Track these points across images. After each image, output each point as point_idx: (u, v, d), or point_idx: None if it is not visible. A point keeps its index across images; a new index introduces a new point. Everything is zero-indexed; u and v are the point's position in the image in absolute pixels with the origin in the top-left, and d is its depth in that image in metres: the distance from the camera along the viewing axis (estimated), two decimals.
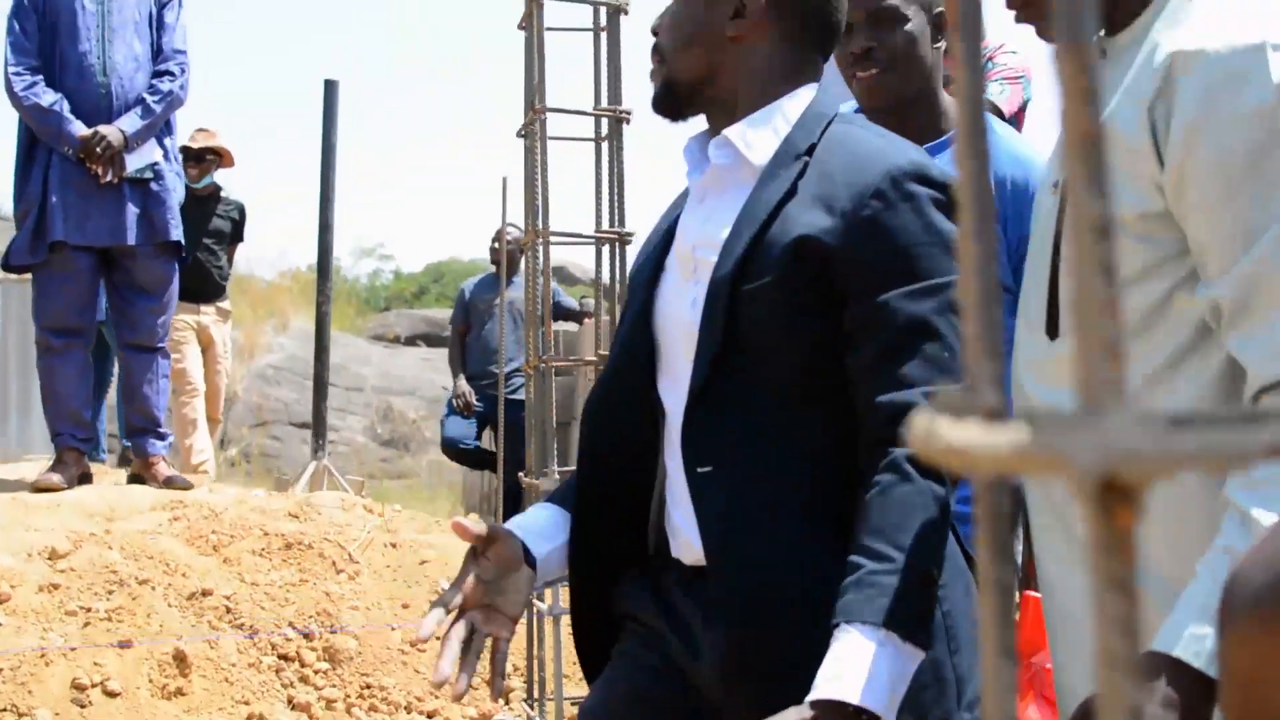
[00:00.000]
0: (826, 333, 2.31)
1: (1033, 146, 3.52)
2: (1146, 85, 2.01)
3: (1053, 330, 2.29)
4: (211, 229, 10.11)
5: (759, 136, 2.44)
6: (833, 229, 2.28)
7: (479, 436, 11.02)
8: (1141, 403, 1.99)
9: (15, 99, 6.84)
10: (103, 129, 6.79)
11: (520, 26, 4.53)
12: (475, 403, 10.72)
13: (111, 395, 9.51)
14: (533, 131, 4.35)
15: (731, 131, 2.45)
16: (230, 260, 10.54)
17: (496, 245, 11.13)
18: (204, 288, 10.03)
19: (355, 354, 23.77)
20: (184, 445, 9.89)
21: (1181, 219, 2.00)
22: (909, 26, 3.30)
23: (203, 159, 9.98)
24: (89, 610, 5.44)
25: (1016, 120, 6.03)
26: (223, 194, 10.33)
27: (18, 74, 6.85)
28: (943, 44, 3.40)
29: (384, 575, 6.13)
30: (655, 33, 2.56)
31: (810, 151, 2.38)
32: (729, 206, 2.44)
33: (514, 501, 9.86)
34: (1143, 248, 2.05)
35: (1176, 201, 1.99)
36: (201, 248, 9.95)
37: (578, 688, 5.49)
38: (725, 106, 2.49)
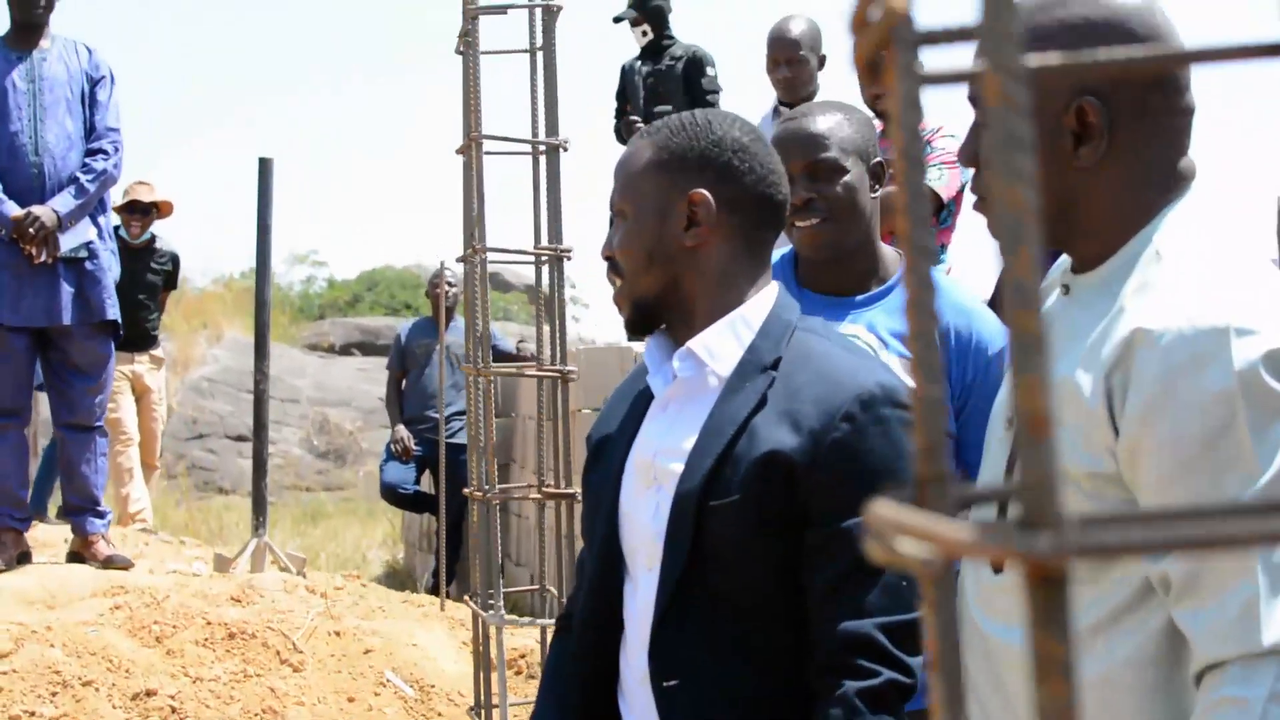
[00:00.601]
0: (791, 549, 2.33)
1: (974, 297, 3.55)
2: (1108, 352, 2.02)
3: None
4: (146, 281, 10.10)
5: (722, 346, 2.44)
6: (801, 448, 2.29)
7: (418, 480, 11.01)
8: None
9: None
10: (36, 209, 6.74)
11: (457, 51, 4.53)
12: (414, 447, 10.71)
13: None
14: (470, 155, 4.37)
15: (695, 343, 2.44)
16: (162, 308, 10.53)
17: (438, 290, 11.10)
18: (137, 337, 10.03)
19: (290, 364, 23.66)
20: (120, 494, 9.87)
21: (1133, 487, 2.01)
22: (847, 178, 3.33)
23: (146, 213, 9.97)
24: (33, 715, 5.40)
25: (955, 203, 6.07)
26: (157, 244, 10.31)
27: None
28: (880, 192, 3.42)
29: (328, 665, 6.12)
30: (607, 256, 2.56)
31: (776, 364, 2.38)
32: (692, 417, 2.44)
33: (454, 541, 9.89)
34: (1090, 504, 2.06)
35: (1129, 470, 2.00)
36: (135, 301, 9.93)
37: (521, 694, 5.54)
38: (685, 313, 2.50)
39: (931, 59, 0.59)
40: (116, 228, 9.66)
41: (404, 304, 28.40)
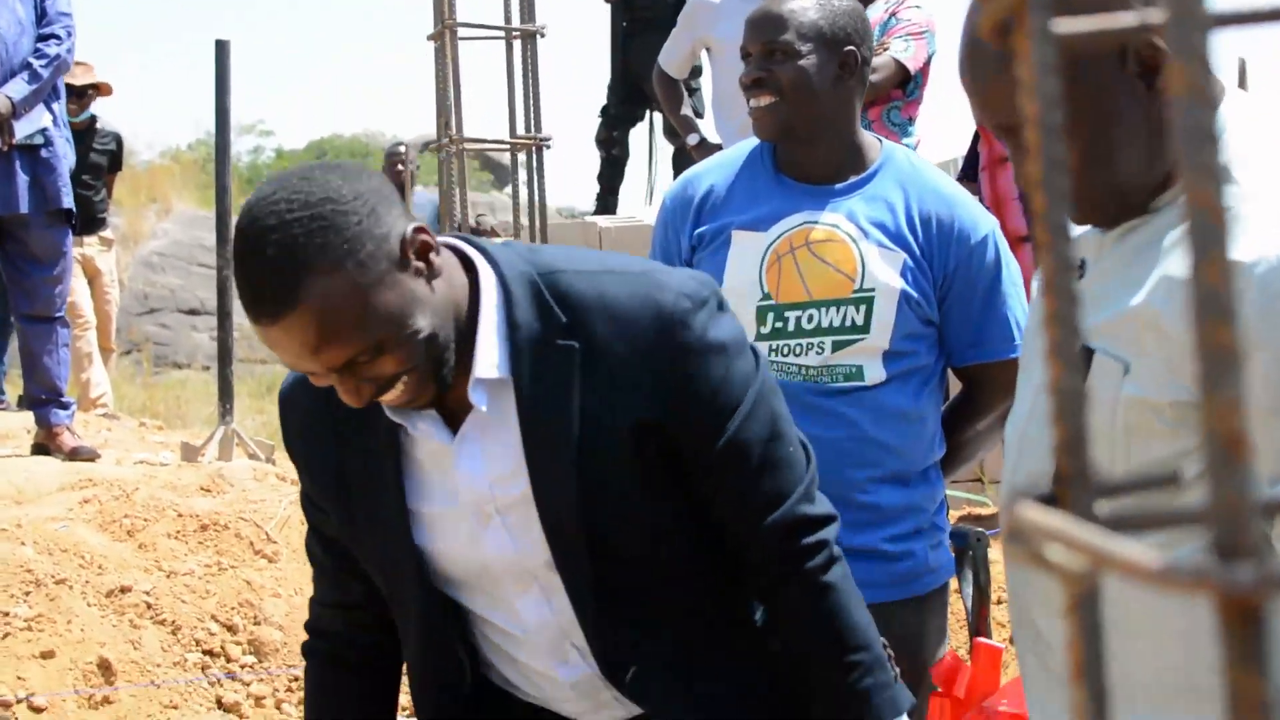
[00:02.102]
0: (681, 499, 2.30)
1: (952, 182, 3.50)
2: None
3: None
4: (90, 163, 9.95)
5: (491, 351, 2.19)
6: (644, 405, 2.19)
7: None
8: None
9: None
10: None
11: None
12: None
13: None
14: (443, 42, 4.26)
15: (480, 371, 2.17)
16: (110, 191, 10.41)
17: (399, 170, 10.99)
18: (85, 220, 9.87)
19: None
20: (80, 379, 9.79)
21: None
22: (802, 62, 3.29)
23: (83, 95, 9.80)
24: (7, 616, 5.34)
25: (922, 75, 5.98)
26: (99, 125, 10.16)
27: None
28: (853, 82, 3.36)
29: (303, 555, 6.04)
30: (375, 392, 2.13)
31: (568, 332, 2.18)
32: (504, 434, 2.25)
33: None
34: (1170, 432, 1.97)
35: None
36: (80, 183, 9.78)
37: None
38: (460, 344, 2.18)
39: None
40: None
41: None
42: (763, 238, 3.27)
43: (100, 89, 10.03)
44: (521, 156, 5.03)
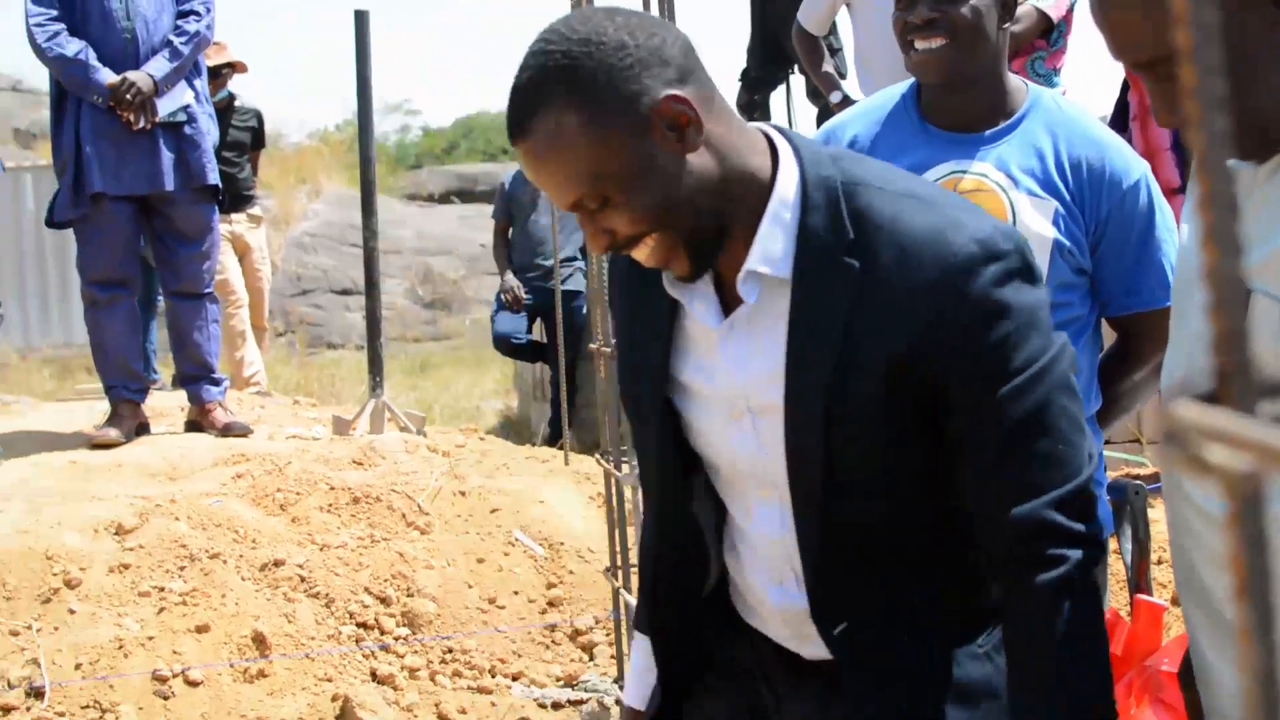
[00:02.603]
0: (929, 453, 2.16)
1: (1103, 126, 3.35)
2: None
3: None
4: (231, 140, 10.00)
5: (773, 243, 2.13)
6: (914, 343, 2.07)
7: (529, 329, 10.91)
8: None
9: (39, 51, 6.65)
10: (131, 75, 6.60)
11: None
12: (524, 296, 10.59)
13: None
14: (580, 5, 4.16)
15: (753, 263, 2.13)
16: (255, 168, 10.45)
17: None
18: (232, 197, 9.94)
19: (390, 216, 23.58)
20: (234, 358, 9.85)
21: None
22: (975, 3, 3.19)
23: (217, 74, 9.85)
24: (162, 591, 5.35)
25: (1065, 23, 5.80)
26: (237, 103, 10.21)
27: (39, 25, 6.66)
28: (1010, 26, 3.26)
29: (455, 526, 6.03)
30: (613, 246, 2.14)
31: (852, 250, 2.10)
32: (771, 336, 2.18)
33: (570, 389, 9.78)
34: None
35: None
36: (223, 160, 9.85)
37: None
38: (722, 229, 2.14)
39: None
40: None
41: (501, 149, 28.23)
42: None
43: (236, 67, 10.06)
44: None
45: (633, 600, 4.13)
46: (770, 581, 2.33)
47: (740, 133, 2.14)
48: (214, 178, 6.89)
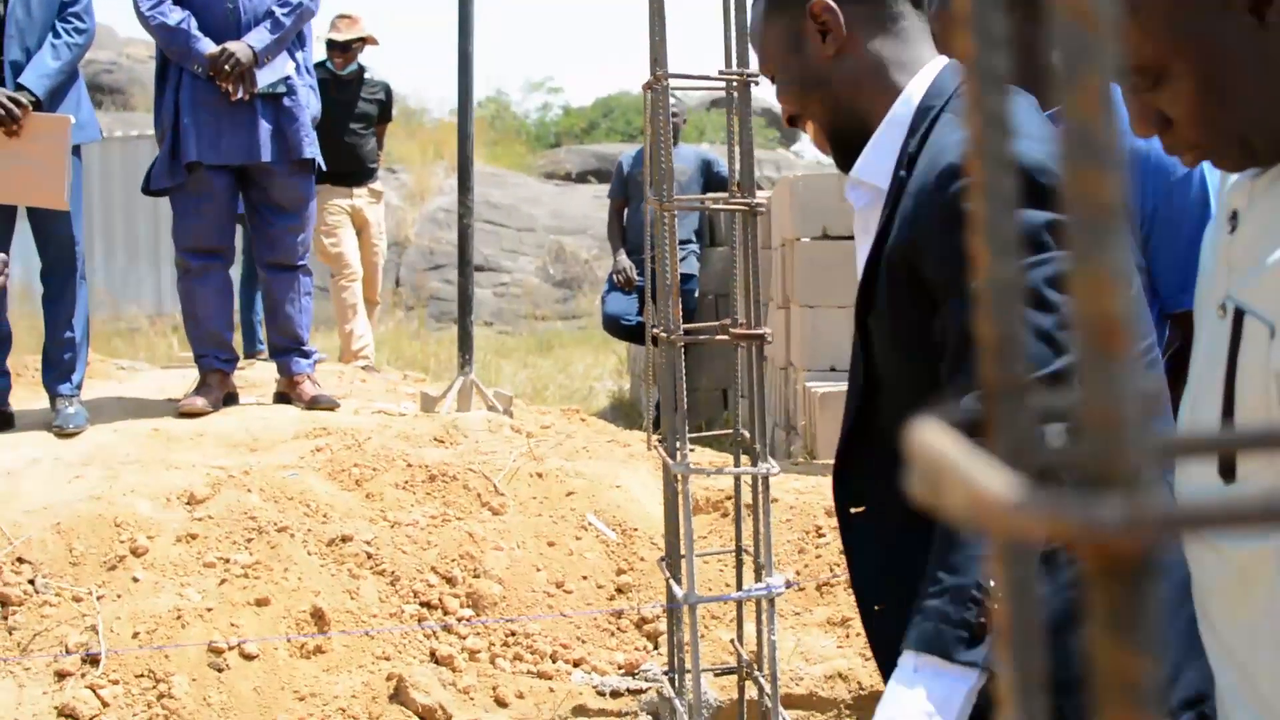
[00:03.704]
0: (934, 366, 2.26)
1: None
2: None
3: (1228, 472, 1.82)
4: (358, 112, 10.05)
5: (879, 160, 2.39)
6: (911, 239, 2.23)
7: (640, 311, 10.85)
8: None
9: (143, 19, 6.68)
10: (231, 45, 6.60)
11: None
12: (636, 277, 10.52)
13: None
14: None
15: (858, 169, 2.43)
16: (381, 141, 10.48)
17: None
18: (355, 171, 10.01)
19: (526, 194, 23.67)
20: (344, 330, 9.90)
21: None
22: None
23: (348, 48, 9.89)
24: (227, 562, 5.34)
25: None
26: (367, 75, 10.24)
27: None
28: None
29: (529, 508, 5.97)
30: (788, 118, 2.58)
31: (912, 163, 2.30)
32: (867, 240, 2.44)
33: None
34: None
35: None
36: (349, 132, 9.90)
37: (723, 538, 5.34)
38: (864, 128, 2.44)
39: None
40: (322, 62, 9.59)
41: (639, 130, 28.14)
42: None
43: (367, 40, 10.10)
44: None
45: (678, 590, 4.04)
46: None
47: (905, 54, 2.43)
48: (311, 151, 6.88)
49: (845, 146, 2.47)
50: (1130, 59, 1.67)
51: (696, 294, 11.08)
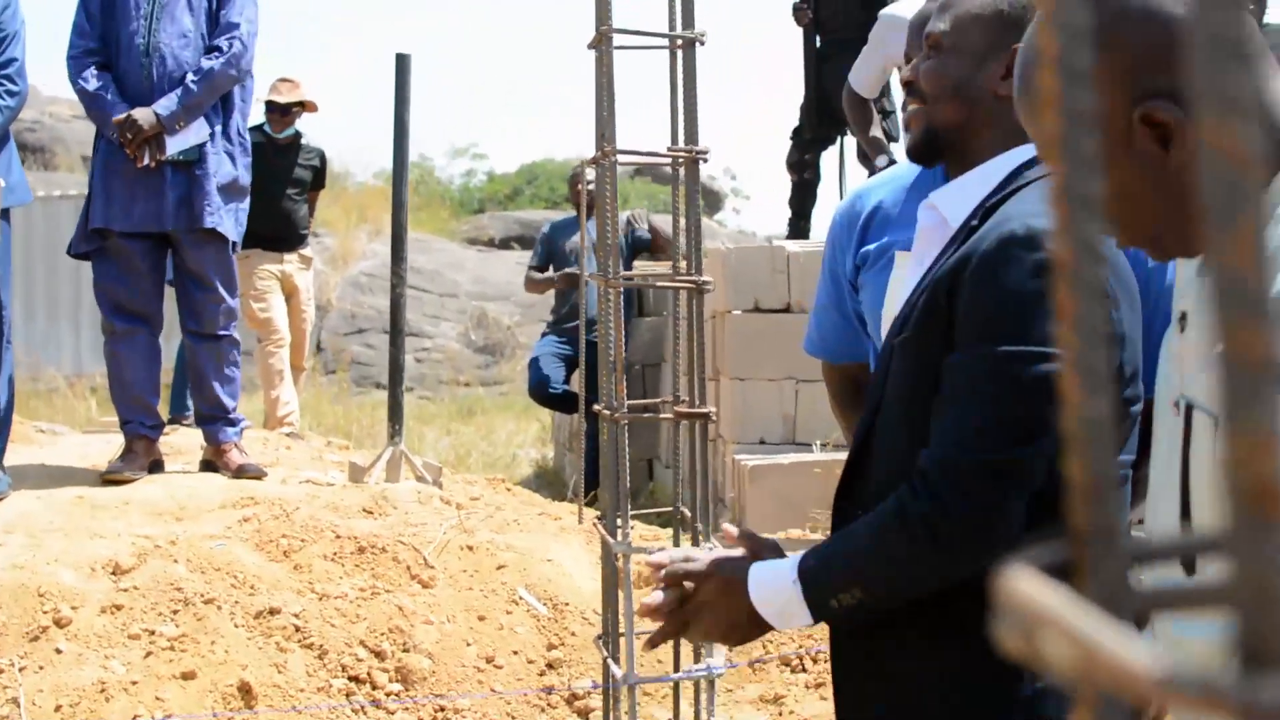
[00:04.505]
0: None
1: None
2: None
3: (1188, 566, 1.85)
4: (294, 178, 10.01)
5: (962, 199, 2.47)
6: (951, 284, 2.25)
7: (567, 380, 10.86)
8: None
9: (71, 82, 6.66)
10: (135, 112, 6.57)
11: None
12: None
13: None
14: (600, 50, 4.04)
15: (940, 195, 2.55)
16: (313, 208, 10.45)
17: (579, 187, 10.92)
18: (287, 236, 9.97)
19: (449, 259, 23.64)
20: (270, 397, 9.82)
21: None
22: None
23: (287, 112, 9.87)
24: (152, 634, 5.26)
25: None
26: (303, 141, 10.21)
27: (74, 57, 6.69)
28: None
29: (459, 581, 5.91)
30: (909, 81, 2.67)
31: (987, 215, 2.34)
32: (919, 267, 2.52)
33: (594, 442, 9.67)
34: None
35: None
36: (284, 197, 9.87)
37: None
38: (963, 157, 2.56)
39: None
40: (260, 125, 9.55)
41: (563, 197, 28.20)
42: None
43: (306, 106, 10.07)
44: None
45: (617, 670, 3.99)
46: None
47: None
48: (212, 221, 6.74)
49: (932, 148, 2.61)
50: None
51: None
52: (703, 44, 4.03)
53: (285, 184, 9.95)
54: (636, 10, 4.17)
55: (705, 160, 4.03)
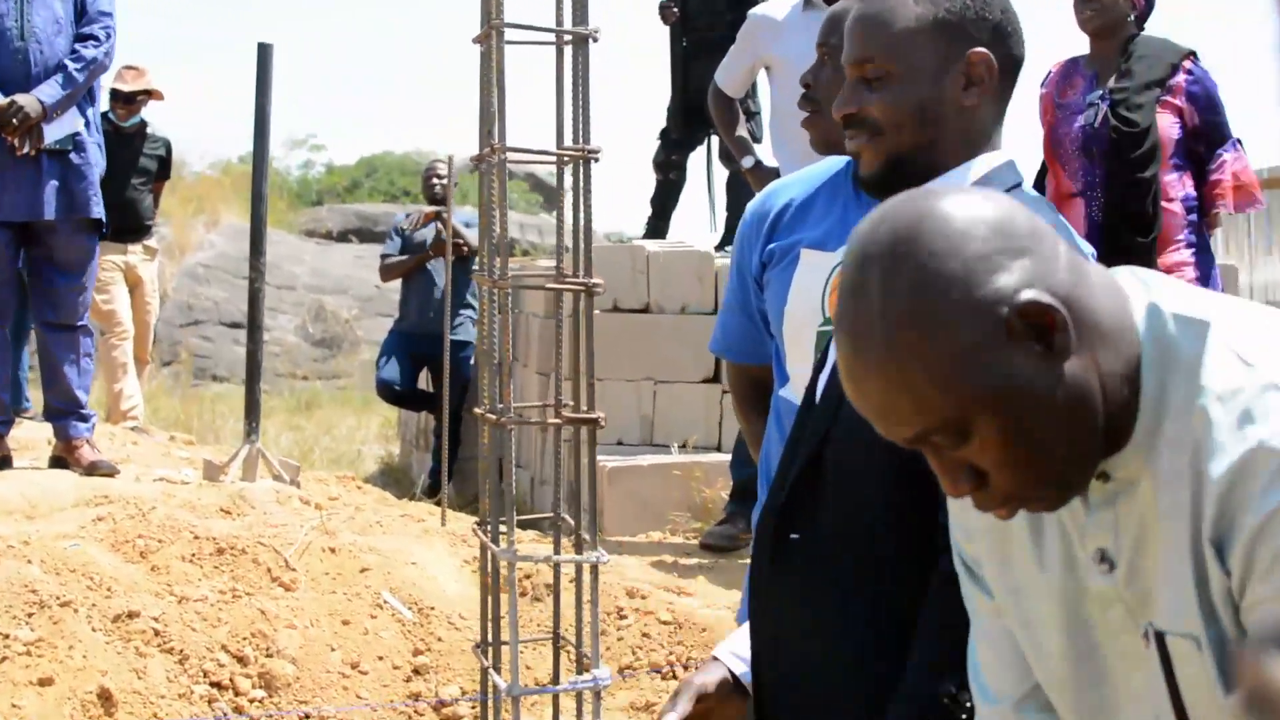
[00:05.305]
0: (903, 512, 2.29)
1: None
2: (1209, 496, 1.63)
3: None
4: (139, 167, 9.81)
5: None
6: None
7: (415, 378, 10.76)
8: None
9: None
10: (19, 98, 6.37)
11: None
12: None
13: None
14: (489, 45, 3.94)
15: None
16: (157, 199, 10.24)
17: (434, 182, 10.81)
18: (131, 226, 9.75)
19: (287, 251, 23.32)
20: (113, 390, 9.62)
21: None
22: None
23: (133, 100, 9.64)
24: (6, 638, 5.08)
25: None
26: (149, 130, 10.01)
27: None
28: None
29: (322, 584, 5.79)
30: (851, 114, 2.49)
31: None
32: None
33: (452, 443, 9.56)
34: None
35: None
36: (129, 187, 9.65)
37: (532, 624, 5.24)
38: (928, 177, 2.41)
39: None
40: (105, 114, 9.34)
41: (403, 190, 28.00)
42: (830, 258, 2.99)
43: (152, 94, 9.88)
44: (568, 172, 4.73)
45: (502, 683, 3.92)
46: None
47: (996, 134, 2.51)
48: (98, 211, 6.65)
49: (897, 177, 2.39)
50: (930, 420, 1.64)
51: (472, 361, 10.98)
52: (595, 40, 3.97)
53: (130, 173, 9.74)
54: (513, 6, 4.08)
55: (597, 160, 3.97)
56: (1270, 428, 1.55)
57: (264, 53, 7.16)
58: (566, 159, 3.96)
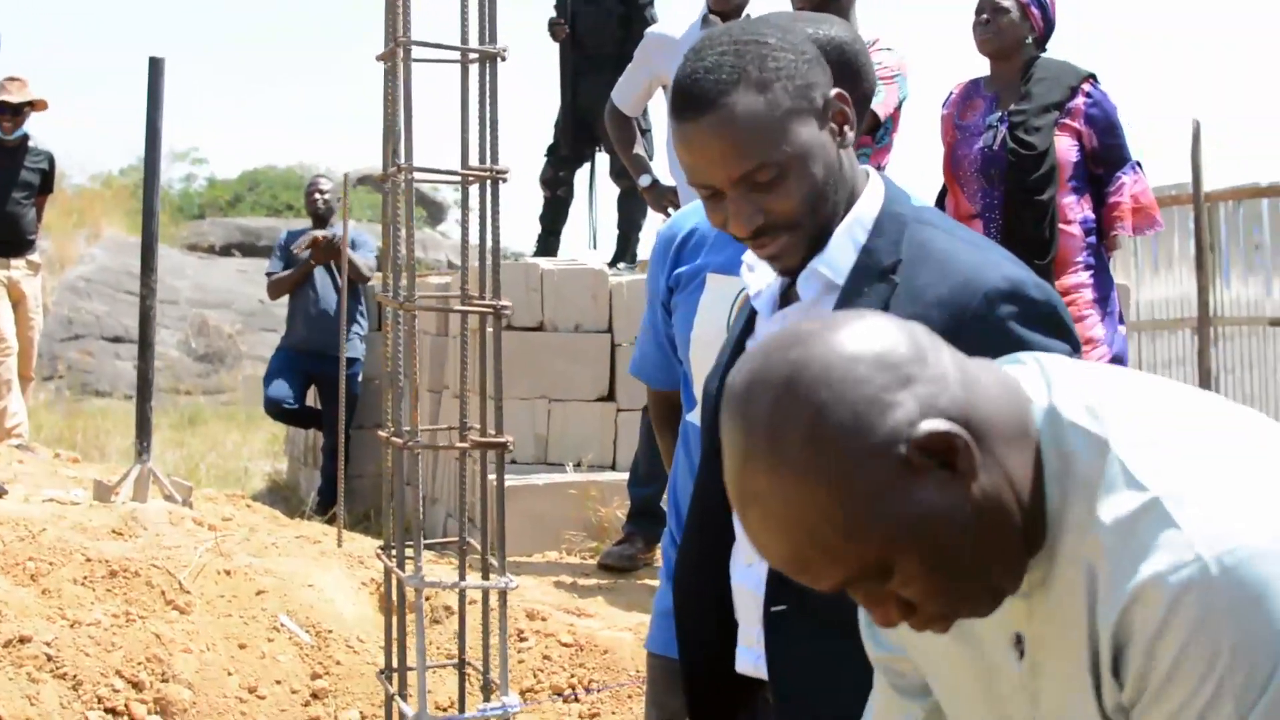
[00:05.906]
0: None
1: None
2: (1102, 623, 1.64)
3: None
4: (21, 180, 9.65)
5: (841, 253, 2.39)
6: None
7: (303, 395, 10.66)
8: None
9: None
10: None
11: None
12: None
13: None
14: (394, 63, 3.90)
15: (820, 264, 2.39)
16: (40, 213, 10.08)
17: (316, 197, 10.71)
18: (14, 240, 9.61)
19: (170, 265, 23.04)
20: None
21: None
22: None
23: (18, 111, 9.50)
24: None
25: (893, 121, 5.74)
26: (31, 144, 9.84)
27: None
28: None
29: (218, 607, 5.71)
30: (761, 227, 2.35)
31: (895, 268, 2.34)
32: None
33: (332, 459, 9.48)
34: None
35: None
36: (10, 201, 9.49)
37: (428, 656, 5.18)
38: (828, 230, 2.39)
39: None
40: None
41: (286, 205, 27.83)
42: (736, 282, 2.96)
43: (36, 105, 9.72)
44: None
45: (409, 710, 3.88)
46: (745, 559, 2.50)
47: (852, 154, 2.44)
48: None
49: (815, 244, 2.38)
50: (849, 569, 1.63)
51: (360, 378, 10.90)
52: (504, 59, 3.94)
53: (12, 188, 9.61)
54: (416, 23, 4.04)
55: (505, 180, 3.95)
56: (1160, 560, 1.55)
57: (155, 67, 7.07)
58: (473, 179, 3.93)
